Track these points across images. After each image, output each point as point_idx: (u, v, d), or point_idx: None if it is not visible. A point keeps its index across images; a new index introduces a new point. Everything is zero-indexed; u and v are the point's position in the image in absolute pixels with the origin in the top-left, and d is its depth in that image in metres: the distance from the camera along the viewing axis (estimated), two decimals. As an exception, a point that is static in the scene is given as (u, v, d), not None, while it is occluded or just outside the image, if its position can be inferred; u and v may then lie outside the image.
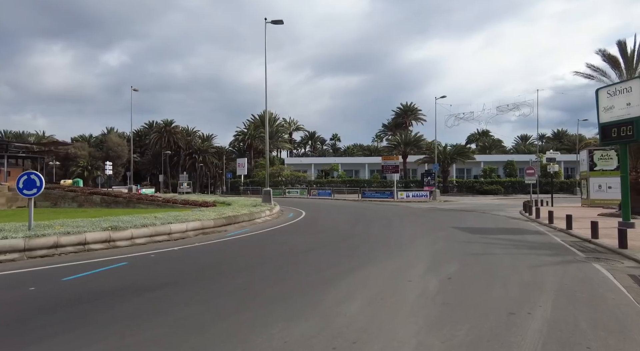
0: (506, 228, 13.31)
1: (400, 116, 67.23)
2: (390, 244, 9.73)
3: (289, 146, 70.83)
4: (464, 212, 20.88)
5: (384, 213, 19.83)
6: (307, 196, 39.46)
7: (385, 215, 18.59)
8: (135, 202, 18.69)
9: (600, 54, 24.12)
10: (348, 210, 22.29)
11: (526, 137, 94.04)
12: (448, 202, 32.74)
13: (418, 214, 19.56)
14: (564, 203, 29.48)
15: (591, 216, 17.61)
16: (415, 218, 16.96)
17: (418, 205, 28.32)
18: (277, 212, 17.90)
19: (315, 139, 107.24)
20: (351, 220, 16.48)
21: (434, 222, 15.50)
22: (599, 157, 25.87)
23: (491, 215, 18.82)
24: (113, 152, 68.44)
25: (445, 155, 44.08)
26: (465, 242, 10.04)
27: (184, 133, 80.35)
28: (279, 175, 45.99)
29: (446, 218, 17.36)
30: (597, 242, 10.06)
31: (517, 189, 46.87)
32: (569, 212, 19.70)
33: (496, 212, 20.58)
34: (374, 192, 35.20)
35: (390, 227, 13.52)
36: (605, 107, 13.71)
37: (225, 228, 12.43)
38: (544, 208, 21.84)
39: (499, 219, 16.80)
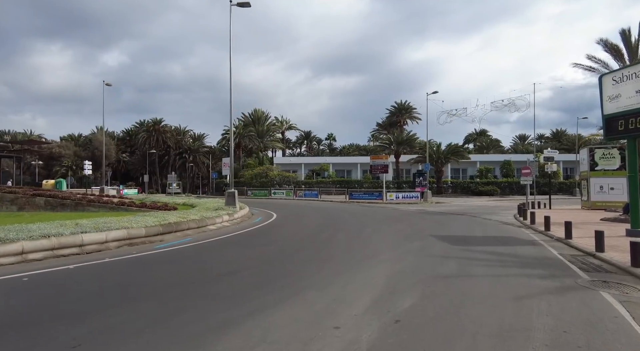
0: (495, 237, 11.38)
1: (395, 115, 65.27)
2: (345, 261, 7.80)
3: (280, 145, 68.87)
4: (452, 216, 18.97)
5: (363, 217, 17.91)
6: (294, 197, 37.54)
7: (362, 220, 16.67)
8: (85, 204, 16.74)
9: (602, 44, 22.26)
10: (325, 213, 20.36)
11: (524, 137, 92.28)
12: (440, 203, 30.83)
13: (400, 218, 17.65)
14: (563, 205, 27.61)
15: (593, 220, 15.70)
16: (393, 224, 15.03)
17: (406, 207, 26.40)
18: (241, 216, 15.97)
19: (311, 139, 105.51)
20: (320, 225, 14.55)
21: (414, 228, 13.59)
22: (601, 156, 23.98)
23: (481, 220, 16.90)
24: (99, 151, 66.27)
25: (438, 154, 42.15)
26: (439, 257, 8.11)
27: (174, 132, 78.36)
28: (266, 176, 44.05)
29: (429, 223, 15.44)
30: (602, 257, 8.14)
31: (514, 190, 44.96)
32: (567, 216, 17.88)
33: (488, 216, 18.68)
34: (362, 193, 33.29)
35: (359, 236, 11.59)
36: (610, 96, 11.79)
37: (161, 238, 10.49)
38: (541, 212, 19.94)
39: (489, 225, 14.89)
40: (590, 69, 22.50)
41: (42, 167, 65.31)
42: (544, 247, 9.77)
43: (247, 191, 40.83)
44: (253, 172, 44.69)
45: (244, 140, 56.93)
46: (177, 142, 79.05)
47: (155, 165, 78.92)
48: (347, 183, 45.55)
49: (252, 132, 58.54)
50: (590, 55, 22.79)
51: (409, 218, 18.03)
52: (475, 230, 12.99)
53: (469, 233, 12.27)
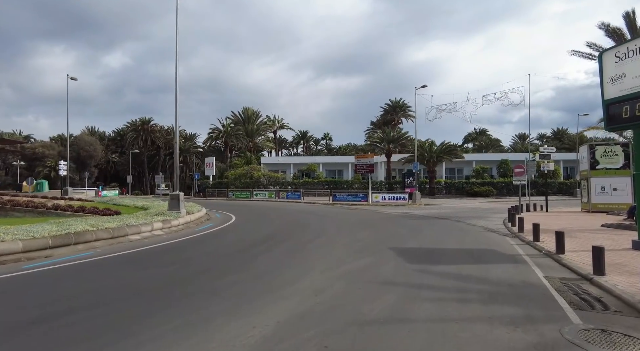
0: (469, 251, 9.22)
1: (389, 113, 63.13)
2: (245, 292, 5.65)
3: (271, 145, 66.73)
4: (434, 221, 16.82)
5: (330, 222, 15.75)
6: (276, 199, 35.40)
7: (326, 226, 14.49)
8: (9, 209, 14.66)
9: (604, 28, 20.04)
10: (291, 218, 18.20)
11: (524, 136, 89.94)
12: (429, 205, 28.65)
13: (373, 223, 15.49)
14: (562, 207, 25.41)
15: (592, 226, 13.50)
16: (359, 231, 12.88)
17: (390, 210, 24.24)
18: (184, 222, 13.82)
19: (308, 139, 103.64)
20: (270, 234, 12.41)
21: (379, 236, 11.44)
22: (602, 153, 21.79)
23: (464, 226, 14.74)
24: (84, 151, 64.35)
25: (431, 153, 39.93)
26: (380, 284, 5.98)
27: (163, 132, 76.33)
28: (250, 176, 41.91)
29: (402, 230, 13.29)
30: (603, 284, 5.98)
31: (512, 191, 42.67)
32: (564, 220, 15.46)
33: (474, 221, 16.50)
34: (346, 194, 31.15)
35: (303, 249, 9.44)
36: (612, 77, 9.63)
37: (49, 253, 8.37)
38: (535, 215, 17.77)
39: (471, 232, 12.72)
40: (590, 56, 20.31)
41: (25, 168, 63.38)
42: (528, 265, 7.60)
43: (229, 192, 38.73)
44: (236, 172, 42.59)
45: (231, 139, 54.80)
46: (167, 142, 76.97)
47: (144, 166, 77.00)
48: (336, 183, 43.44)
49: (240, 131, 56.36)
50: (590, 42, 20.58)
51: (384, 223, 15.88)
52: (450, 240, 10.82)
53: (441, 244, 10.11)
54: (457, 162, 46.97)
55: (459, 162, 47.91)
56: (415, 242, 10.41)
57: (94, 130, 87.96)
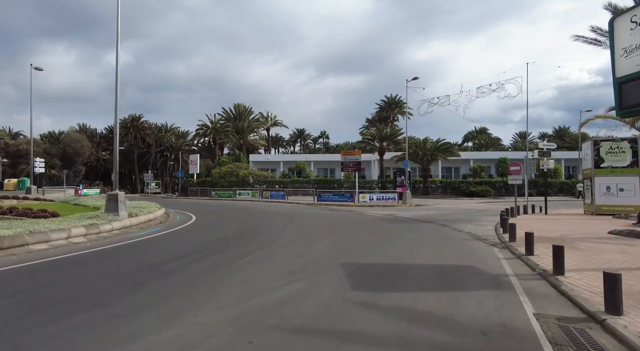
0: (442, 268, 7.18)
1: (384, 109, 61.07)
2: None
3: (263, 143, 64.68)
4: (417, 224, 14.79)
5: (294, 227, 13.71)
6: (260, 198, 33.40)
7: (286, 231, 12.44)
8: None
9: (611, 9, 17.99)
10: (255, 221, 16.16)
11: (525, 135, 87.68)
12: (419, 206, 26.61)
13: (341, 228, 13.46)
14: (563, 209, 23.35)
15: (598, 233, 11.42)
16: (320, 238, 10.80)
17: (375, 211, 22.21)
18: (119, 227, 11.78)
19: (305, 137, 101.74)
20: (213, 241, 10.41)
21: (339, 247, 9.40)
22: (608, 150, 19.72)
23: (450, 231, 12.71)
24: (71, 148, 62.39)
25: (425, 151, 37.82)
26: (288, 333, 3.96)
27: (154, 129, 74.35)
28: (236, 175, 39.89)
29: (373, 236, 11.27)
30: (622, 334, 3.95)
31: (510, 191, 40.59)
32: (565, 225, 13.09)
33: (462, 225, 14.47)
34: (332, 194, 29.12)
35: (229, 266, 7.40)
36: (626, 49, 7.58)
37: None
38: (531, 219, 15.67)
39: (453, 241, 10.68)
40: (595, 42, 18.22)
41: (8, 165, 61.52)
42: (515, 293, 5.57)
43: (211, 192, 36.73)
44: (221, 171, 40.59)
45: (220, 136, 52.75)
46: (159, 139, 75.03)
47: (134, 164, 75.05)
48: (326, 182, 41.41)
49: (229, 127, 54.24)
50: (595, 27, 18.50)
51: (358, 228, 13.86)
52: (423, 252, 8.78)
53: (410, 257, 8.07)
54: (453, 161, 44.87)
55: (456, 161, 45.82)
56: (379, 254, 8.38)
57: (86, 127, 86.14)
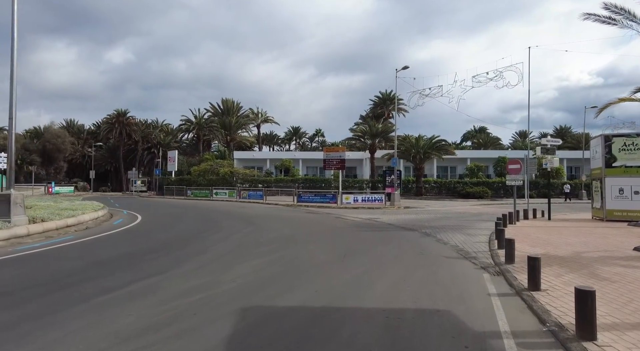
0: (400, 319, 4.57)
1: (379, 106, 58.41)
2: None
3: (251, 140, 62.03)
4: (396, 233, 12.22)
5: (238, 237, 11.11)
6: (237, 198, 30.81)
7: (218, 245, 9.85)
8: None
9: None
10: (204, 226, 13.60)
11: (526, 134, 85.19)
12: (408, 208, 24.04)
13: (301, 238, 10.86)
14: (567, 213, 20.77)
15: (620, 249, 8.70)
16: (259, 255, 8.21)
17: (356, 214, 19.64)
18: (4, 236, 9.19)
19: (300, 135, 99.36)
20: (99, 264, 7.84)
21: (271, 271, 6.80)
22: (621, 147, 17.19)
23: (432, 244, 10.13)
24: (51, 144, 59.72)
25: (418, 148, 35.20)
26: None
27: (141, 125, 71.69)
28: (216, 173, 37.29)
29: (332, 252, 8.68)
30: None
31: (509, 192, 38.05)
32: (575, 236, 9.94)
33: (450, 234, 11.90)
34: (313, 194, 26.53)
35: (38, 323, 4.85)
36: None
37: None
38: (533, 226, 12.94)
39: (432, 261, 8.08)
40: (609, 20, 15.60)
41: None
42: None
43: (187, 190, 34.12)
44: (199, 168, 37.99)
45: (204, 131, 50.07)
46: (145, 136, 72.32)
47: (120, 161, 72.43)
48: (313, 182, 38.80)
49: (215, 123, 51.53)
50: (608, 4, 15.86)
51: (324, 237, 11.29)
52: (382, 283, 6.16)
53: (358, 294, 5.47)
54: (449, 160, 42.32)
55: (452, 160, 43.26)
56: (316, 287, 5.78)
57: (73, 123, 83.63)
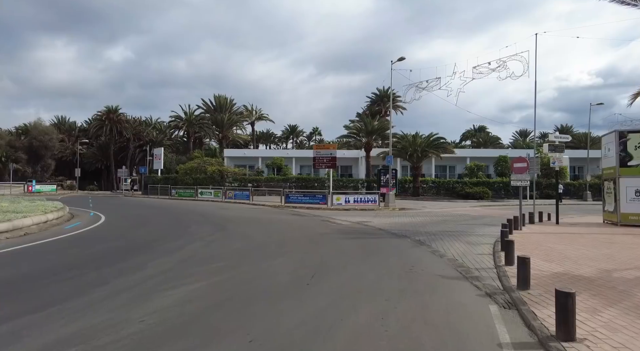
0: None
1: (376, 103, 56.76)
2: None
3: (245, 137, 60.25)
4: (384, 241, 10.50)
5: (192, 249, 9.40)
6: (223, 198, 29.06)
7: (149, 266, 8.16)
8: None
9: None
10: (162, 233, 11.89)
11: (526, 133, 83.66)
12: (404, 210, 22.35)
13: (270, 248, 9.13)
14: (575, 216, 19.09)
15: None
16: (188, 281, 6.51)
17: (345, 217, 17.93)
18: None
19: (297, 133, 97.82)
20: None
21: (182, 314, 5.13)
22: (638, 145, 15.50)
23: (425, 256, 8.42)
24: (37, 141, 57.86)
25: (415, 146, 33.46)
26: None
27: (133, 122, 69.89)
28: (204, 171, 35.52)
29: (296, 273, 6.94)
30: None
31: (510, 192, 36.38)
32: (593, 246, 8.23)
33: (447, 242, 10.19)
34: (301, 195, 24.80)
35: None
36: None
37: None
38: (541, 232, 11.17)
39: (421, 285, 6.34)
40: (629, 1, 13.89)
41: (-32, 158, 57.16)
42: None
43: (171, 190, 32.35)
44: (186, 167, 36.21)
45: (194, 128, 48.25)
46: (137, 133, 70.49)
47: (111, 159, 70.65)
48: (306, 181, 37.07)
49: (205, 120, 49.69)
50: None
51: (297, 247, 9.56)
52: (342, 330, 4.44)
53: (304, 347, 3.78)
54: (448, 159, 40.64)
55: (451, 159, 41.59)
56: (245, 336, 4.05)
57: (64, 120, 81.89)
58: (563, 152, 15.86)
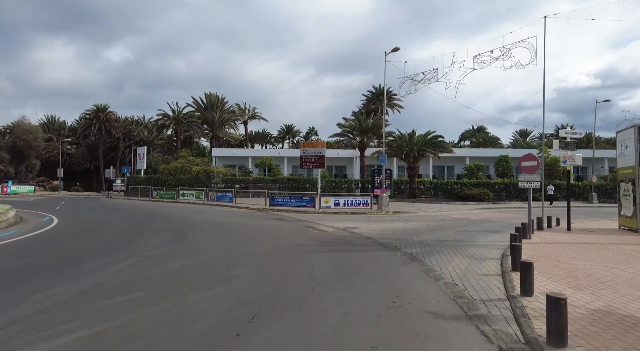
0: None
1: (372, 101, 54.89)
2: None
3: (237, 137, 58.29)
4: (369, 256, 8.61)
5: (111, 271, 7.50)
6: (204, 201, 27.12)
7: (40, 295, 6.25)
8: None
9: None
10: (118, 240, 9.99)
11: (526, 133, 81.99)
12: (398, 214, 20.46)
13: (219, 269, 7.20)
14: (585, 220, 17.22)
15: None
16: (65, 332, 4.63)
17: (332, 222, 16.02)
18: None
19: (294, 133, 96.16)
20: None
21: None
22: (661, 140, 13.62)
23: (416, 278, 6.53)
24: (22, 140, 55.78)
25: (411, 145, 31.57)
26: None
27: (123, 121, 67.93)
28: (188, 171, 33.57)
29: (226, 310, 5.06)
30: None
31: (512, 194, 34.55)
32: (622, 258, 6.15)
33: (445, 256, 8.28)
34: (287, 197, 22.87)
35: None
36: None
37: None
38: (554, 241, 9.14)
39: (405, 326, 4.48)
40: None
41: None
42: None
43: (152, 191, 30.41)
44: (169, 167, 34.27)
45: (182, 127, 46.25)
46: (127, 133, 68.49)
47: (100, 159, 68.62)
48: (297, 182, 35.18)
49: (194, 118, 47.72)
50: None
51: (252, 265, 7.67)
52: None
53: None
54: (446, 159, 38.82)
55: (449, 159, 39.77)
56: None
57: (54, 119, 79.93)
58: (575, 150, 14.02)
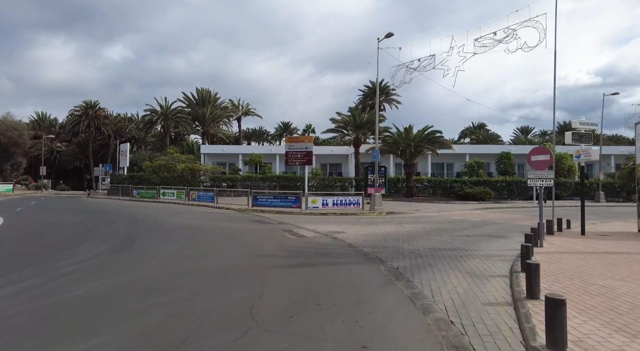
0: None
1: (369, 97, 53.11)
2: None
3: (230, 133, 56.51)
4: (344, 272, 6.87)
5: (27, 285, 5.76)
6: (185, 200, 25.37)
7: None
8: None
9: None
10: (52, 249, 8.24)
11: (527, 130, 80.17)
12: (392, 214, 18.74)
13: (131, 292, 5.49)
14: (595, 221, 15.50)
15: None
16: None
17: (315, 226, 14.27)
18: None
19: (291, 131, 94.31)
20: None
21: None
22: (689, 132, 11.91)
23: (397, 311, 4.79)
24: (6, 138, 53.91)
25: (408, 141, 29.76)
26: None
27: (113, 118, 66.09)
28: (172, 169, 31.79)
29: None
30: None
31: (515, 192, 32.82)
32: None
33: (440, 271, 6.53)
34: (271, 196, 21.11)
35: None
36: None
37: None
38: (576, 257, 7.22)
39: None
40: None
41: None
42: None
43: (133, 190, 28.67)
44: (152, 164, 32.50)
45: (170, 123, 44.43)
46: (118, 130, 66.63)
47: (90, 157, 66.80)
48: (289, 180, 33.42)
49: (182, 114, 45.88)
50: None
51: (189, 290, 5.92)
52: None
53: None
54: (445, 156, 37.04)
55: (449, 156, 37.99)
56: None
57: (44, 116, 78.01)
58: (591, 143, 12.29)
